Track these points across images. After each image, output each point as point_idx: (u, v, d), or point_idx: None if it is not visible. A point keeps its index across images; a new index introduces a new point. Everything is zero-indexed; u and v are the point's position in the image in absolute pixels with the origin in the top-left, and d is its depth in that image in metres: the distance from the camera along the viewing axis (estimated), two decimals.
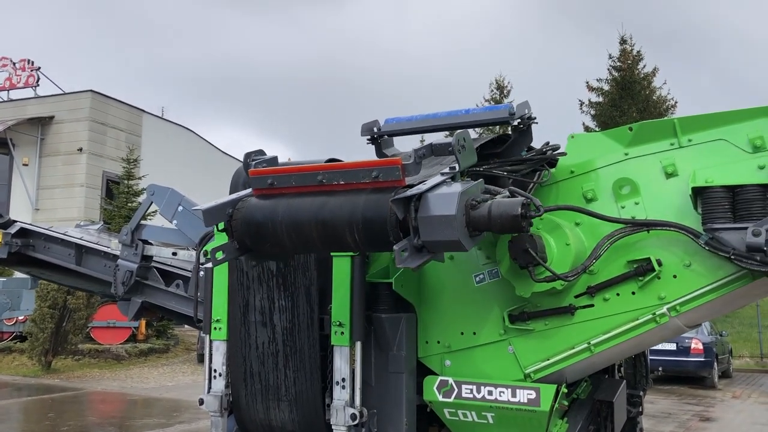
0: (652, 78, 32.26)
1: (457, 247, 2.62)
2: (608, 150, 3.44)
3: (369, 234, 2.73)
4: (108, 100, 29.48)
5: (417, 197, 2.62)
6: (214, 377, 4.01)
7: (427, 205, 2.61)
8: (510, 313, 3.50)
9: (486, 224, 2.67)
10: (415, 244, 2.61)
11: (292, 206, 2.94)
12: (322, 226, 2.83)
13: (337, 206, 2.82)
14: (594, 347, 3.33)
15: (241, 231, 3.03)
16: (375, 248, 2.82)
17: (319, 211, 2.85)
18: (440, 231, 2.58)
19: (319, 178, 2.94)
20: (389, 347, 3.68)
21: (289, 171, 3.05)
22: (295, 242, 2.94)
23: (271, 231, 2.96)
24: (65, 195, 28.17)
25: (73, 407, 13.03)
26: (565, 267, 3.20)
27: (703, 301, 3.17)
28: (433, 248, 2.64)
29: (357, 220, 2.75)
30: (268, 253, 3.14)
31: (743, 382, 17.58)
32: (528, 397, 3.40)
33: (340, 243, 2.85)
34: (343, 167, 2.94)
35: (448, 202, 2.59)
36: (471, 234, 2.67)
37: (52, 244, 5.95)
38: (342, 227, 2.78)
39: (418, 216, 2.61)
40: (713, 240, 3.02)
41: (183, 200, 4.92)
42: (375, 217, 2.70)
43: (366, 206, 2.75)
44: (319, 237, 2.86)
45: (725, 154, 3.17)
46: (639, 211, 3.31)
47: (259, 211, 3.01)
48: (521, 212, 2.66)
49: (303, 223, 2.88)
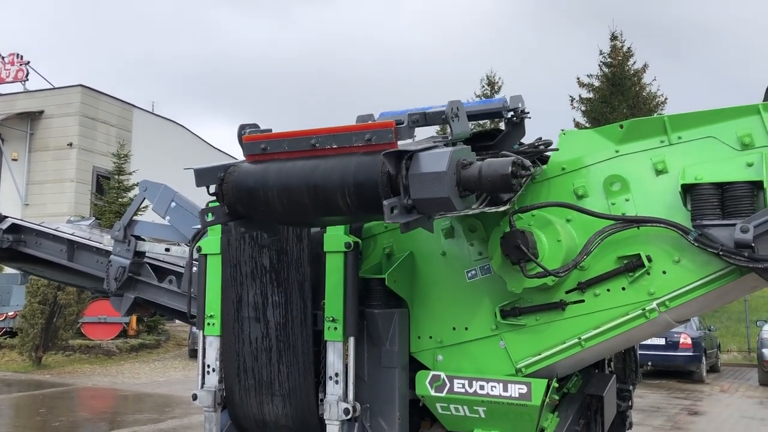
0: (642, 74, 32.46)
1: (447, 205, 2.59)
2: (599, 147, 3.47)
3: (361, 197, 2.71)
4: (98, 94, 29.34)
5: (409, 156, 2.61)
6: (208, 372, 4.03)
7: (418, 163, 2.60)
8: (501, 309, 3.53)
9: (476, 184, 2.64)
10: (405, 204, 2.59)
11: (284, 171, 2.92)
12: (313, 191, 2.81)
13: (329, 170, 2.79)
14: (584, 342, 3.37)
15: (233, 196, 3.00)
16: (367, 212, 2.77)
17: (310, 175, 2.82)
18: (430, 188, 2.56)
19: (312, 143, 2.92)
20: (382, 342, 3.70)
21: (281, 136, 3.03)
22: (286, 207, 2.91)
23: (263, 196, 2.93)
24: (55, 190, 28.03)
25: (64, 403, 13.01)
26: (557, 263, 3.23)
27: (692, 296, 3.21)
28: (423, 207, 2.61)
29: (349, 183, 2.72)
30: (260, 219, 3.10)
31: (731, 376, 17.75)
32: (519, 392, 3.44)
33: (332, 207, 2.82)
34: (336, 131, 2.91)
35: (439, 160, 2.59)
36: (461, 194, 2.65)
37: (44, 239, 5.93)
38: (333, 191, 2.75)
39: (409, 174, 2.59)
40: (702, 236, 3.05)
41: (176, 196, 4.92)
42: (366, 180, 2.68)
43: (358, 169, 2.72)
44: (311, 202, 2.83)
45: (714, 151, 3.21)
46: (629, 207, 3.34)
47: (250, 177, 2.98)
48: (511, 171, 2.64)
49: (294, 187, 2.85)
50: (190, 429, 10.18)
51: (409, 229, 2.65)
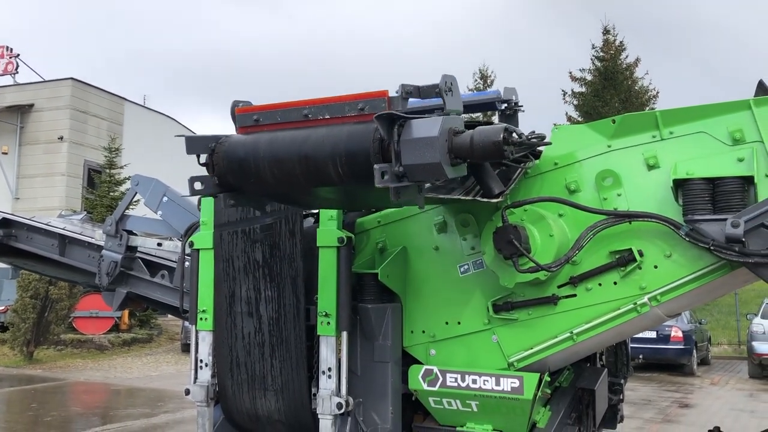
0: (634, 68, 32.52)
1: (438, 172, 2.56)
2: (591, 142, 3.48)
3: (352, 167, 2.69)
4: (89, 88, 29.18)
5: (401, 123, 2.60)
6: (200, 367, 4.02)
7: (410, 129, 2.58)
8: (494, 303, 3.54)
9: (468, 151, 2.63)
10: (395, 171, 2.57)
11: (275, 141, 2.90)
12: (305, 161, 2.78)
13: (320, 139, 2.77)
14: (576, 336, 3.39)
15: (223, 167, 2.98)
16: (358, 181, 2.74)
17: (301, 145, 2.81)
18: (422, 154, 2.54)
19: (305, 113, 2.90)
20: (375, 337, 3.71)
21: (274, 107, 3.02)
22: (278, 178, 2.89)
23: (254, 167, 2.90)
24: (46, 184, 27.90)
25: (55, 398, 12.98)
26: (549, 258, 3.24)
27: (683, 290, 3.23)
28: (414, 174, 2.58)
29: (340, 152, 2.70)
30: (251, 191, 3.08)
31: (721, 369, 17.88)
32: (512, 386, 3.45)
33: (323, 177, 2.79)
34: (329, 101, 2.89)
35: (431, 126, 2.58)
36: (452, 161, 2.62)
37: (35, 234, 5.91)
38: (325, 161, 2.73)
39: (401, 139, 2.58)
40: (693, 231, 3.07)
41: (168, 191, 4.91)
42: (358, 148, 2.66)
43: (349, 138, 2.70)
44: (302, 172, 2.81)
45: (706, 146, 3.22)
46: (621, 202, 3.35)
47: (241, 147, 2.96)
48: (503, 137, 2.62)
49: (285, 158, 2.83)
50: (183, 423, 10.18)
51: (399, 198, 2.61)
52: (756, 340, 15.54)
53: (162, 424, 10.25)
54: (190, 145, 3.03)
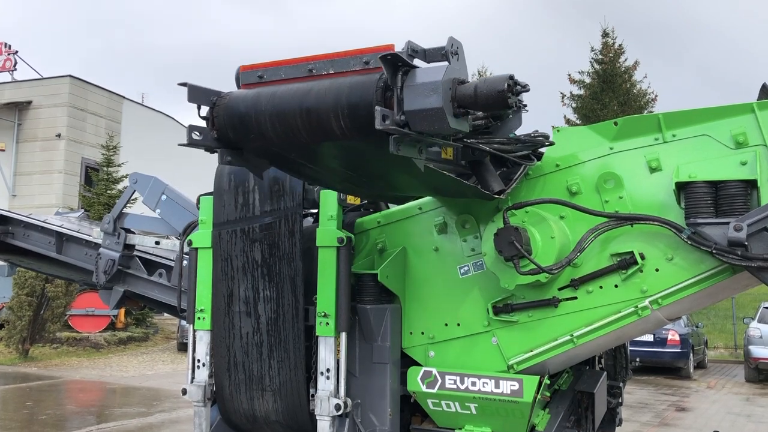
0: (633, 71, 32.49)
1: (440, 119, 2.49)
2: (593, 144, 3.46)
3: (354, 119, 2.64)
4: (87, 85, 29.08)
5: (405, 70, 2.55)
6: (198, 367, 4.00)
7: (414, 75, 2.54)
8: (494, 305, 3.53)
9: (472, 100, 2.58)
10: (397, 120, 2.52)
11: (277, 95, 2.85)
12: (306, 114, 2.73)
13: (322, 92, 2.73)
14: (577, 339, 3.37)
15: (224, 122, 2.94)
16: (361, 134, 2.68)
17: (303, 98, 2.76)
18: (425, 99, 2.49)
19: (309, 68, 2.86)
20: (374, 338, 3.69)
21: (278, 64, 2.98)
22: (279, 133, 2.84)
23: (255, 122, 2.86)
24: (43, 181, 27.80)
25: (51, 396, 12.94)
26: (550, 260, 3.23)
27: (684, 294, 3.22)
28: (416, 121, 2.52)
29: (342, 104, 2.65)
30: (252, 147, 3.02)
31: (718, 373, 17.88)
32: (511, 388, 3.43)
33: (325, 131, 2.74)
34: (334, 56, 2.84)
35: (435, 71, 2.54)
36: (455, 111, 2.57)
37: (32, 231, 5.89)
38: (327, 113, 2.68)
39: (405, 85, 2.53)
40: (696, 234, 3.05)
41: (166, 189, 4.89)
42: (361, 100, 2.60)
43: (351, 89, 2.66)
44: (304, 126, 2.76)
45: (708, 149, 3.21)
46: (623, 205, 3.34)
47: (242, 102, 2.92)
48: (507, 86, 2.57)
49: (287, 112, 2.78)
50: (179, 423, 10.14)
51: (398, 150, 2.54)
52: (753, 344, 15.53)
53: (158, 424, 10.21)
54: (192, 94, 2.96)
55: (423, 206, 3.84)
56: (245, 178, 3.85)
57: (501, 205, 3.52)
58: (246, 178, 3.85)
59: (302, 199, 3.74)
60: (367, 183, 3.34)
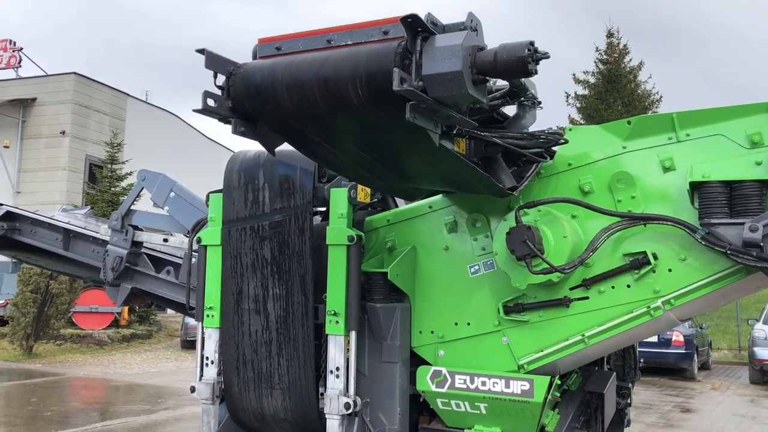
0: (637, 72, 32.42)
1: (459, 83, 2.45)
2: (606, 143, 3.44)
3: (372, 87, 2.61)
4: (92, 83, 29.14)
5: (425, 37, 2.53)
6: (206, 365, 3.99)
7: (433, 40, 2.52)
8: (505, 305, 3.51)
9: (491, 67, 2.53)
10: (414, 85, 2.48)
11: (293, 65, 2.83)
12: (324, 83, 2.70)
13: (340, 60, 2.70)
14: (588, 339, 3.35)
15: (240, 92, 2.92)
16: (378, 103, 2.65)
17: (320, 68, 2.74)
18: (444, 62, 2.45)
19: (328, 39, 2.85)
20: (383, 337, 3.67)
21: (296, 36, 2.96)
22: (296, 102, 2.82)
23: (271, 91, 2.84)
24: (47, 178, 27.86)
25: (55, 393, 12.95)
26: (562, 259, 3.21)
27: (697, 295, 3.19)
28: (434, 86, 2.48)
29: (360, 73, 2.62)
30: (267, 117, 2.99)
31: (722, 374, 17.83)
32: (522, 389, 3.41)
33: (342, 100, 2.70)
34: (353, 27, 2.82)
35: (455, 37, 2.51)
36: (474, 78, 2.53)
37: (39, 228, 5.88)
38: (345, 82, 2.65)
39: (424, 49, 2.51)
40: (710, 235, 3.03)
41: (175, 186, 4.87)
42: (379, 69, 2.56)
43: (369, 58, 2.63)
44: (321, 95, 2.74)
45: (723, 149, 3.18)
46: (635, 204, 3.32)
47: (258, 72, 2.89)
48: (528, 52, 2.52)
49: (304, 81, 2.75)
50: (183, 420, 10.13)
51: (414, 119, 2.50)
52: (758, 345, 15.48)
53: (162, 421, 10.20)
54: (210, 61, 2.92)
55: (433, 205, 3.83)
56: (255, 175, 3.84)
57: (512, 204, 3.51)
58: (256, 176, 3.84)
59: (312, 196, 3.73)
60: (380, 168, 3.29)
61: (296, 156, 3.67)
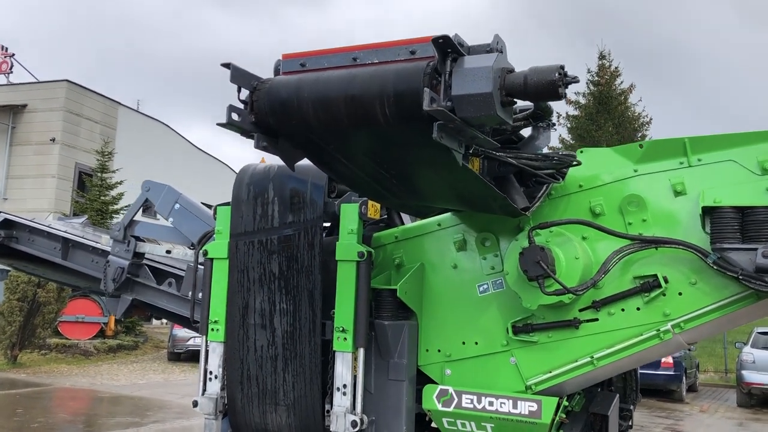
0: (629, 94, 32.74)
1: (488, 104, 2.46)
2: (617, 165, 3.47)
3: (400, 106, 2.62)
4: (84, 90, 29.00)
5: (454, 58, 2.54)
6: (210, 379, 3.95)
7: (463, 61, 2.53)
8: (514, 325, 3.51)
9: (521, 90, 2.55)
10: (443, 105, 2.49)
11: (320, 81, 2.83)
12: (350, 101, 2.71)
13: (367, 79, 2.71)
14: (597, 361, 3.36)
15: (264, 106, 2.92)
16: (405, 122, 2.66)
17: (347, 85, 2.74)
18: (473, 83, 2.46)
19: (353, 57, 2.85)
20: (390, 355, 3.66)
21: (321, 53, 2.96)
22: (321, 118, 2.82)
23: (296, 107, 2.84)
24: (36, 185, 27.62)
25: (41, 403, 12.75)
26: (574, 281, 3.22)
27: (707, 319, 3.21)
28: (462, 106, 2.49)
29: (388, 92, 2.63)
30: (290, 132, 3.00)
31: (709, 397, 17.87)
32: (529, 409, 3.41)
33: (368, 117, 2.71)
34: (380, 46, 2.83)
35: (485, 58, 2.52)
36: (503, 100, 2.54)
37: (37, 236, 5.83)
38: (372, 100, 2.67)
39: (453, 70, 2.52)
40: (721, 260, 3.05)
41: (180, 198, 4.84)
42: (407, 88, 2.57)
43: (398, 77, 2.63)
44: (347, 112, 2.74)
45: (734, 175, 3.22)
46: (646, 227, 3.34)
47: (284, 88, 2.90)
48: (559, 75, 2.54)
49: (331, 98, 2.76)
50: None
51: (441, 138, 2.50)
52: (745, 369, 15.54)
53: None
54: (234, 75, 2.93)
55: (442, 222, 3.83)
56: (265, 189, 3.83)
57: (522, 224, 3.52)
58: (265, 189, 3.83)
59: (323, 211, 3.72)
60: (396, 186, 3.29)
61: (307, 170, 3.67)
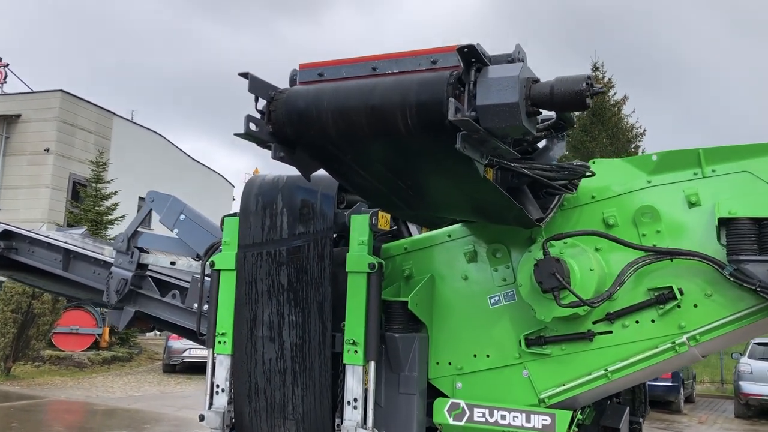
0: (622, 105, 32.88)
1: (514, 114, 2.43)
2: (631, 177, 3.45)
3: (423, 116, 2.57)
4: (78, 101, 28.95)
5: (478, 68, 2.50)
6: (217, 393, 3.88)
7: (487, 71, 2.49)
8: (526, 337, 3.47)
9: (547, 100, 2.50)
10: (468, 115, 2.45)
11: (339, 91, 2.79)
12: (371, 111, 2.67)
13: (388, 89, 2.66)
14: (611, 374, 3.32)
15: (282, 116, 2.88)
16: (426, 132, 2.61)
17: (368, 95, 2.69)
18: (499, 93, 2.43)
19: (373, 67, 2.81)
20: (401, 368, 3.61)
21: (340, 63, 2.92)
22: (340, 129, 2.78)
23: (315, 118, 2.80)
24: (29, 196, 27.48)
25: (37, 416, 12.61)
26: (588, 292, 3.18)
27: (723, 331, 3.18)
28: (487, 116, 2.45)
29: (410, 102, 2.58)
30: (309, 142, 2.95)
31: (706, 408, 17.86)
32: (543, 423, 3.37)
33: (389, 128, 2.66)
34: (400, 55, 2.78)
35: (511, 68, 2.49)
36: (528, 110, 2.50)
37: (37, 247, 5.76)
38: (393, 110, 2.62)
39: (478, 80, 2.48)
40: (738, 271, 3.03)
41: (185, 209, 4.79)
42: (430, 99, 2.53)
43: (420, 87, 2.58)
44: (368, 123, 2.70)
45: (749, 186, 3.20)
46: (660, 239, 3.31)
47: (302, 98, 2.86)
48: (586, 85, 2.50)
49: (351, 108, 2.72)
50: None
51: (465, 149, 2.46)
52: (743, 379, 15.54)
53: None
54: (252, 85, 2.89)
55: (452, 233, 3.80)
56: (273, 200, 3.79)
57: (534, 235, 3.49)
58: (274, 200, 3.79)
59: (332, 222, 3.68)
60: (411, 197, 3.25)
61: (316, 181, 3.64)
